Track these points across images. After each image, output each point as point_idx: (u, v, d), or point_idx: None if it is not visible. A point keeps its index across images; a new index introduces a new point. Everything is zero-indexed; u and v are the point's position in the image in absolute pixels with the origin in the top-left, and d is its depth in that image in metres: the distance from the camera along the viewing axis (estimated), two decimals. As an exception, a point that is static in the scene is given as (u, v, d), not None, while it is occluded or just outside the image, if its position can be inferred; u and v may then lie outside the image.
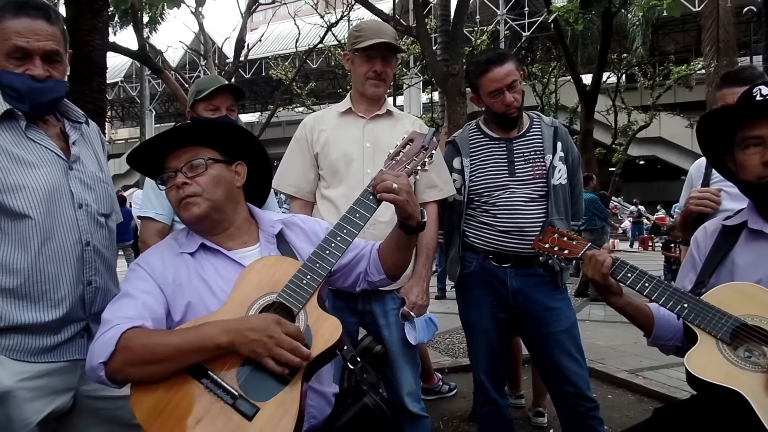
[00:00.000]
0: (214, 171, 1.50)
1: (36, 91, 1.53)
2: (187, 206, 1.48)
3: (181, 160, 1.49)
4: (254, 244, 1.57)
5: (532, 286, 2.25)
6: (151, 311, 1.39)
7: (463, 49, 6.22)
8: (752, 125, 1.45)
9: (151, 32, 18.27)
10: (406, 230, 1.53)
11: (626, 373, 4.16)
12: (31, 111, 1.57)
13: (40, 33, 1.51)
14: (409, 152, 1.57)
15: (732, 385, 1.28)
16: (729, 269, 1.53)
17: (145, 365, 1.29)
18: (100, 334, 1.34)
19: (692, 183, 2.35)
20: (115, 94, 33.06)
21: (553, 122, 2.38)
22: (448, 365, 4.44)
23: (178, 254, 1.52)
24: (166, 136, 1.52)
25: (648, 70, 18.75)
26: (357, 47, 2.19)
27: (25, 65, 1.51)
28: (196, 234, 1.55)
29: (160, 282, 1.46)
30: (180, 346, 1.30)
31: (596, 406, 2.26)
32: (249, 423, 1.25)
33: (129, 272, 1.52)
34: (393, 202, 1.46)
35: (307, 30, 17.40)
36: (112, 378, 1.32)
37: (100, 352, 1.30)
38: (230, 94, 2.35)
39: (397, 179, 1.45)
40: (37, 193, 1.52)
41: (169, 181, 1.51)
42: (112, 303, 1.45)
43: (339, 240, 1.47)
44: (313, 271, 1.43)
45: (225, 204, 1.52)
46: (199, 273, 1.48)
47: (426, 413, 2.21)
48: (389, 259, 1.59)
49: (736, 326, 1.36)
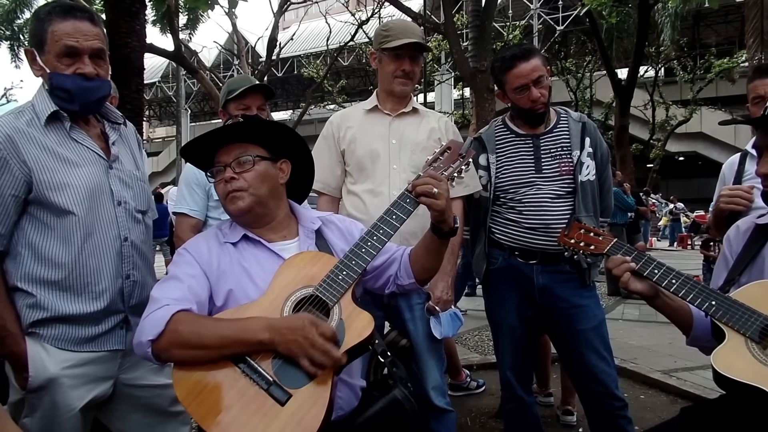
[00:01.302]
0: (260, 168, 1.58)
1: (86, 91, 1.61)
2: (233, 199, 1.56)
3: (231, 155, 1.57)
4: (293, 238, 1.64)
5: (558, 283, 2.23)
6: (196, 295, 1.47)
7: (492, 45, 6.18)
8: None
9: (191, 35, 18.68)
10: (438, 234, 1.57)
11: (660, 374, 4.07)
12: (81, 110, 1.65)
13: (87, 33, 1.60)
14: (446, 159, 1.62)
15: (761, 384, 1.26)
16: (760, 268, 1.50)
17: (190, 349, 1.36)
18: (150, 311, 1.41)
19: (725, 180, 2.29)
20: (152, 94, 33.98)
21: (581, 117, 2.36)
22: (477, 362, 4.43)
23: (222, 243, 1.59)
24: (219, 133, 1.59)
25: (688, 64, 18.19)
26: (385, 46, 2.22)
27: (76, 64, 1.59)
28: (239, 226, 1.62)
29: (205, 268, 1.53)
30: (225, 336, 1.36)
31: (625, 405, 2.23)
32: (281, 408, 1.31)
33: (176, 257, 1.60)
34: (431, 206, 1.50)
35: (338, 28, 17.53)
36: (156, 356, 1.38)
37: (150, 329, 1.37)
38: (260, 93, 2.42)
39: (438, 184, 1.50)
40: (80, 191, 1.60)
41: (218, 175, 1.59)
42: (160, 283, 1.53)
43: (375, 239, 1.53)
44: (348, 267, 1.49)
45: (268, 199, 1.60)
46: (240, 262, 1.56)
47: (451, 407, 2.22)
48: (419, 263, 1.64)
49: (766, 324, 1.34)
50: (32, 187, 1.56)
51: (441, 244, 1.61)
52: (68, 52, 1.58)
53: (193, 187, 2.37)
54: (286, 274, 1.50)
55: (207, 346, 1.36)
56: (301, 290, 1.47)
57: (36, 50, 1.61)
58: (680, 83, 20.24)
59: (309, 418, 1.30)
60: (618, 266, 1.50)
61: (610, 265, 1.52)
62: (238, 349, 1.37)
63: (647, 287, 1.50)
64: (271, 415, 1.31)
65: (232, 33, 19.97)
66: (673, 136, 19.35)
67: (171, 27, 10.99)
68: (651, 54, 16.09)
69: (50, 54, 1.59)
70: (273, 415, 1.31)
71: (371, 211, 2.17)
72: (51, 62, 1.59)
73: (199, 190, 2.37)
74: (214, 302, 1.52)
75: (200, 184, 2.36)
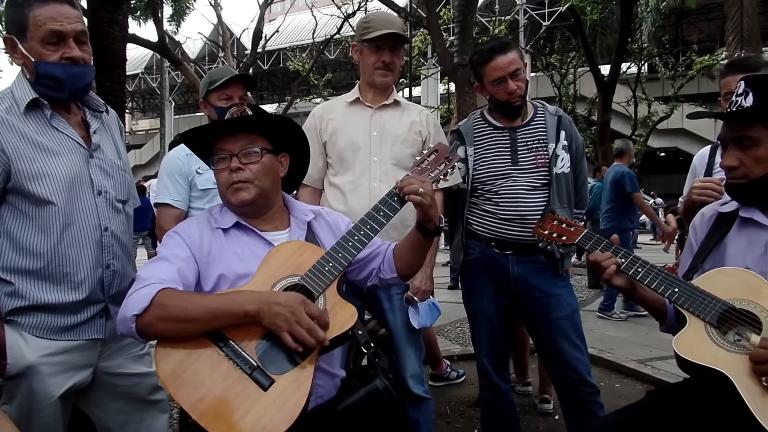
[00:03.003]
0: (266, 160, 1.60)
1: (76, 77, 1.61)
2: (237, 191, 1.57)
3: (237, 145, 1.58)
4: (284, 229, 1.67)
5: (533, 272, 2.29)
6: (184, 278, 1.49)
7: (474, 40, 6.23)
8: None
9: (178, 26, 18.41)
10: (423, 233, 1.63)
11: (635, 363, 4.17)
12: (70, 98, 1.65)
13: (70, 16, 1.59)
14: (433, 161, 1.69)
15: (717, 366, 1.32)
16: (722, 254, 1.56)
17: (175, 322, 1.37)
18: (136, 289, 1.42)
19: (695, 172, 2.36)
20: (135, 85, 33.51)
21: (557, 111, 2.41)
22: (458, 353, 4.50)
23: (213, 229, 1.61)
24: (227, 123, 1.60)
25: (669, 61, 18.42)
26: (365, 38, 2.24)
27: (62, 49, 1.58)
28: (233, 213, 1.64)
29: (195, 252, 1.55)
30: (211, 308, 1.39)
31: (597, 391, 2.30)
32: (264, 393, 1.34)
33: (167, 238, 1.62)
34: (417, 204, 1.56)
35: (324, 21, 17.44)
36: (141, 331, 1.39)
37: (135, 304, 1.38)
38: (242, 84, 2.42)
39: (423, 184, 1.56)
40: (60, 181, 1.60)
41: (222, 163, 1.60)
42: (149, 264, 1.54)
43: (362, 234, 1.58)
44: (335, 259, 1.53)
45: (270, 192, 1.63)
46: (232, 248, 1.58)
47: (429, 396, 2.26)
48: (403, 259, 1.69)
49: (724, 310, 1.40)
50: (10, 176, 1.55)
51: (425, 242, 1.66)
52: (53, 37, 1.56)
53: (176, 177, 2.35)
54: (274, 261, 1.53)
55: (193, 318, 1.37)
56: (288, 278, 1.50)
57: (16, 37, 1.59)
58: (662, 80, 20.49)
59: (290, 404, 1.33)
60: (606, 260, 1.54)
61: (599, 259, 1.56)
62: (223, 321, 1.38)
63: (626, 281, 1.55)
64: (253, 399, 1.33)
65: (217, 24, 19.79)
66: (655, 132, 19.58)
67: (154, 17, 10.87)
68: (633, 50, 16.26)
69: (34, 40, 1.57)
70: (255, 399, 1.33)
71: (351, 202, 2.20)
72: (35, 49, 1.57)
73: (182, 180, 2.35)
74: (202, 286, 1.53)
75: (183, 174, 2.35)
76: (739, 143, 1.47)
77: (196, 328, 1.39)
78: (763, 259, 1.47)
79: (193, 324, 1.38)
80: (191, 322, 1.38)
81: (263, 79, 34.80)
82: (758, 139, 1.44)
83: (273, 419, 1.31)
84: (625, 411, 1.61)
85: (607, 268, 1.53)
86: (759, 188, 1.47)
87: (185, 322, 1.38)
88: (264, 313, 1.36)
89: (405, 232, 1.76)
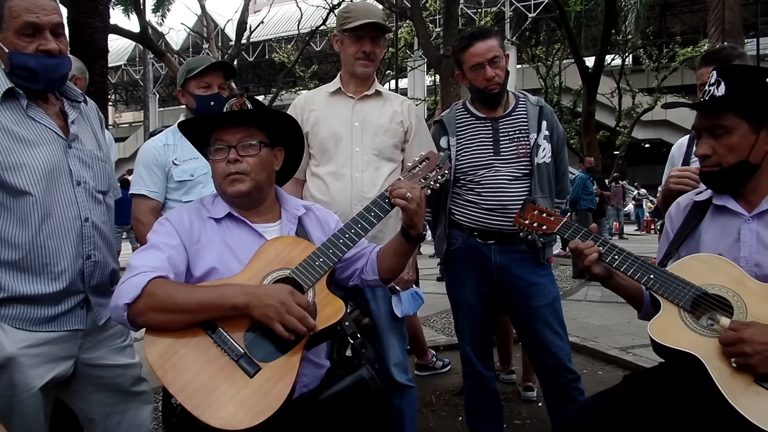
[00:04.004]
0: (263, 154, 1.62)
1: (51, 68, 1.59)
2: (233, 182, 1.58)
3: (235, 137, 1.59)
4: (275, 221, 1.69)
5: (515, 262, 2.31)
6: (174, 266, 1.50)
7: (458, 31, 6.24)
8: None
9: (163, 17, 18.15)
10: (407, 238, 1.67)
11: (617, 351, 4.24)
12: (46, 89, 1.63)
13: (46, 8, 1.57)
14: (424, 168, 1.74)
15: (689, 349, 1.35)
16: (697, 241, 1.60)
17: (165, 313, 1.39)
18: (127, 277, 1.43)
19: (674, 162, 2.39)
20: (118, 77, 33.04)
21: (538, 101, 2.43)
22: (444, 343, 4.54)
23: (204, 218, 1.62)
24: (229, 115, 1.60)
25: (653, 52, 18.61)
26: (346, 28, 2.24)
27: (37, 41, 1.56)
28: (226, 204, 1.65)
29: (185, 240, 1.56)
30: (200, 300, 1.41)
31: (577, 378, 2.34)
32: (250, 380, 1.36)
33: (157, 225, 1.62)
34: (404, 208, 1.61)
35: (310, 12, 17.31)
36: (132, 320, 1.41)
37: (126, 293, 1.39)
38: (221, 71, 2.39)
39: (412, 190, 1.61)
40: (37, 171, 1.58)
41: (219, 153, 1.61)
42: (140, 251, 1.55)
43: (353, 232, 1.62)
44: (326, 255, 1.57)
45: (265, 185, 1.65)
46: (224, 239, 1.59)
47: (413, 384, 2.29)
48: (386, 262, 1.73)
49: (697, 295, 1.44)
50: None
51: (408, 247, 1.70)
52: (29, 29, 1.55)
53: (153, 168, 2.33)
54: (266, 254, 1.56)
55: (183, 309, 1.39)
56: (279, 271, 1.53)
57: None
58: (647, 72, 20.70)
59: (275, 392, 1.35)
60: (588, 248, 1.58)
61: (581, 247, 1.59)
62: (213, 313, 1.41)
63: (603, 270, 1.59)
64: (239, 385, 1.35)
65: (201, 15, 19.55)
66: (639, 124, 19.84)
67: (136, 7, 10.71)
68: (618, 42, 16.39)
69: (9, 31, 1.55)
70: (241, 386, 1.35)
71: (333, 193, 2.21)
72: (10, 40, 1.56)
73: (159, 171, 2.33)
74: (192, 273, 1.55)
75: (159, 165, 2.33)
76: (712, 132, 1.50)
77: (185, 319, 1.41)
78: (736, 246, 1.50)
79: (183, 315, 1.40)
80: (180, 313, 1.40)
81: (249, 71, 34.51)
82: (730, 127, 1.47)
83: (257, 406, 1.32)
84: (603, 395, 1.64)
85: (589, 256, 1.56)
86: (732, 176, 1.51)
87: (174, 312, 1.40)
88: (253, 306, 1.38)
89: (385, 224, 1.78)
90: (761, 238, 1.47)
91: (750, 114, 1.45)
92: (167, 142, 2.37)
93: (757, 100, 1.45)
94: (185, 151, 2.29)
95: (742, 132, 1.46)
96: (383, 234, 2.13)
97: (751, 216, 1.50)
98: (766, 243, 1.47)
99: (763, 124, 1.46)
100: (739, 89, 1.44)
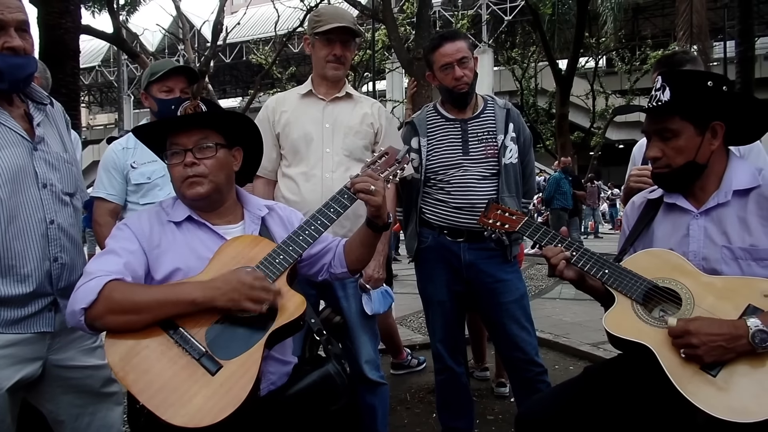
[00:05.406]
0: (220, 155, 1.62)
1: (16, 68, 1.58)
2: (192, 185, 1.58)
3: (191, 140, 1.59)
4: (238, 222, 1.69)
5: (483, 259, 2.37)
6: (133, 271, 1.50)
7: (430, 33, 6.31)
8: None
9: (129, 15, 17.87)
10: (373, 229, 1.69)
11: (588, 346, 4.33)
12: (10, 88, 1.61)
13: (11, 5, 1.55)
14: (383, 163, 1.75)
15: (641, 340, 1.42)
16: (650, 237, 1.67)
17: (124, 314, 1.39)
18: (83, 282, 1.43)
19: (635, 161, 2.48)
20: (92, 78, 32.39)
21: (506, 104, 2.50)
22: (420, 342, 4.58)
23: (165, 222, 1.62)
24: (182, 119, 1.61)
25: (626, 55, 19.01)
26: (317, 31, 2.27)
27: (2, 38, 1.54)
28: (186, 207, 1.65)
29: (144, 245, 1.56)
30: (159, 298, 1.42)
31: (544, 371, 2.41)
32: (211, 378, 1.37)
33: (116, 230, 1.62)
34: (368, 201, 1.62)
35: (287, 14, 17.26)
36: (90, 324, 1.41)
37: (83, 298, 1.39)
38: (184, 76, 2.41)
39: (375, 182, 1.63)
40: (2, 174, 1.57)
41: (175, 157, 1.60)
42: (96, 258, 1.54)
43: (313, 229, 1.63)
44: (286, 252, 1.57)
45: (224, 186, 1.64)
46: (184, 241, 1.59)
47: (385, 381, 2.33)
48: (353, 254, 1.75)
49: (649, 288, 1.50)
50: None
51: (375, 237, 1.73)
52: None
53: (111, 171, 2.35)
54: (226, 254, 1.56)
55: (141, 309, 1.40)
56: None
57: None
58: (620, 74, 21.13)
59: (237, 388, 1.36)
60: (555, 255, 1.64)
61: (548, 254, 1.65)
62: (172, 310, 1.41)
63: (575, 274, 1.65)
64: (201, 383, 1.36)
65: (176, 16, 19.33)
66: (613, 125, 20.23)
67: (109, 7, 10.56)
68: (591, 45, 16.73)
69: None
70: (203, 384, 1.36)
71: (305, 193, 2.24)
72: None
73: (118, 175, 2.35)
74: (153, 277, 1.55)
75: (118, 168, 2.35)
76: (660, 135, 1.57)
77: (144, 319, 1.41)
78: (685, 241, 1.58)
79: (141, 315, 1.40)
80: (139, 313, 1.40)
81: (226, 73, 34.20)
82: (677, 130, 1.54)
83: (219, 402, 1.34)
84: (564, 385, 1.70)
85: (558, 265, 1.62)
86: (680, 176, 1.58)
87: (133, 313, 1.40)
88: (217, 297, 1.40)
89: (358, 222, 1.81)
90: (708, 234, 1.55)
91: (694, 117, 1.53)
92: (126, 146, 2.39)
93: (700, 104, 1.53)
94: (144, 155, 2.29)
95: (688, 134, 1.53)
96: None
97: (699, 212, 1.58)
98: (713, 238, 1.54)
99: (707, 125, 1.53)
100: (683, 93, 1.51)
